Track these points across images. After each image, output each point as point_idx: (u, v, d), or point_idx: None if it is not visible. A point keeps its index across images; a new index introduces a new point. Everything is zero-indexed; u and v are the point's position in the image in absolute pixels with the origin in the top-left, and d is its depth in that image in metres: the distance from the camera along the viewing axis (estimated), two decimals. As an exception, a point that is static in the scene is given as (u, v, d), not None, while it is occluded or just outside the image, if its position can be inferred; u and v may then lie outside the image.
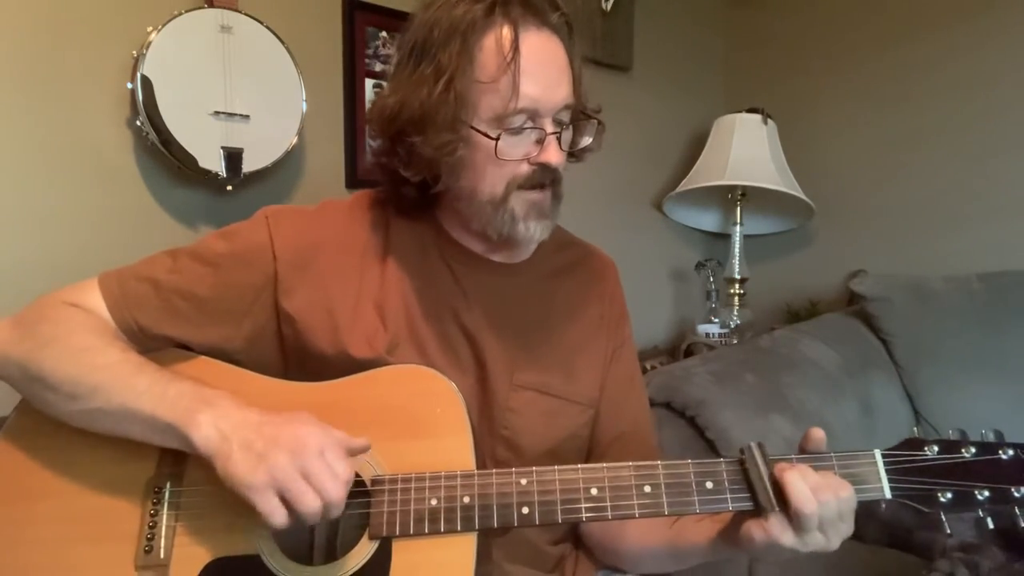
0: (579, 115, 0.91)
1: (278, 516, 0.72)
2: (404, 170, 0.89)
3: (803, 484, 0.73)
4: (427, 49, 0.84)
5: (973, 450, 0.77)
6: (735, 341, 2.26)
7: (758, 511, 0.76)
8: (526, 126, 0.85)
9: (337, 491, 0.73)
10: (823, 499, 0.73)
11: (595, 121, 0.92)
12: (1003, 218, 2.09)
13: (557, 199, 0.91)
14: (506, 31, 0.83)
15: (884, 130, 2.33)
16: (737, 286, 2.39)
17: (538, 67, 0.84)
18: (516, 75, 0.82)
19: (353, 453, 0.78)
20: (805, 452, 0.80)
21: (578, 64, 0.89)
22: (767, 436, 1.47)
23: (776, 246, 2.57)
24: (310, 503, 0.72)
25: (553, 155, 0.86)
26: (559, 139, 0.87)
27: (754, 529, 0.76)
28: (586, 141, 0.93)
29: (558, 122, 0.88)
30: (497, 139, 0.84)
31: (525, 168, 0.87)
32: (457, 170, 0.87)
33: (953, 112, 2.18)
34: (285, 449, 0.73)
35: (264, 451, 0.73)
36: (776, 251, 2.58)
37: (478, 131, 0.85)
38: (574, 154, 0.92)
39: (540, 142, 0.87)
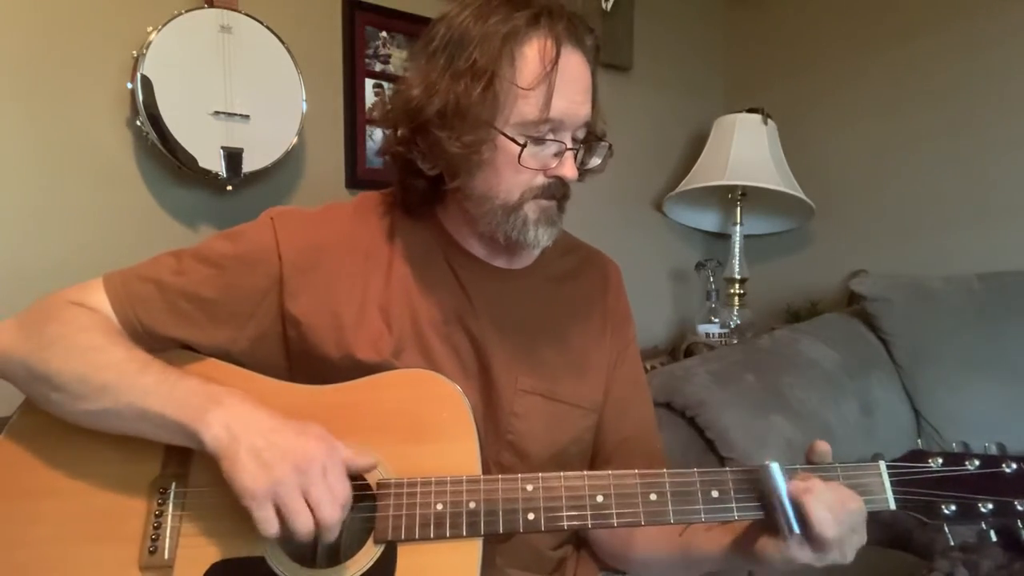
0: (592, 136, 0.92)
1: (271, 527, 0.73)
2: (421, 162, 0.89)
3: (824, 509, 0.72)
4: (463, 45, 0.85)
5: (976, 463, 0.77)
6: (735, 341, 2.26)
7: (775, 529, 0.76)
8: (548, 137, 0.87)
9: (333, 514, 0.74)
10: (840, 518, 0.73)
11: (606, 144, 0.93)
12: (1003, 218, 2.09)
13: (562, 210, 0.93)
14: (549, 43, 0.84)
15: (884, 130, 2.33)
16: (737, 286, 2.39)
17: (570, 83, 0.85)
18: (551, 86, 0.84)
19: (358, 472, 0.79)
20: (810, 463, 0.80)
21: (597, 88, 0.91)
22: (767, 436, 1.47)
23: (776, 246, 2.57)
24: (304, 522, 0.73)
25: (569, 170, 0.88)
26: (575, 155, 0.89)
27: (769, 546, 0.76)
28: (595, 162, 0.95)
29: (575, 139, 0.89)
30: (524, 146, 0.85)
31: (541, 179, 0.89)
32: (475, 169, 0.88)
33: (954, 112, 2.18)
34: (290, 463, 0.73)
35: (270, 461, 0.73)
36: (776, 251, 2.58)
37: (505, 135, 0.85)
38: (581, 173, 0.94)
39: (558, 155, 0.88)
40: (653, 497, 0.79)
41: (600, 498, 0.79)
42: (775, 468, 0.75)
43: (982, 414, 1.77)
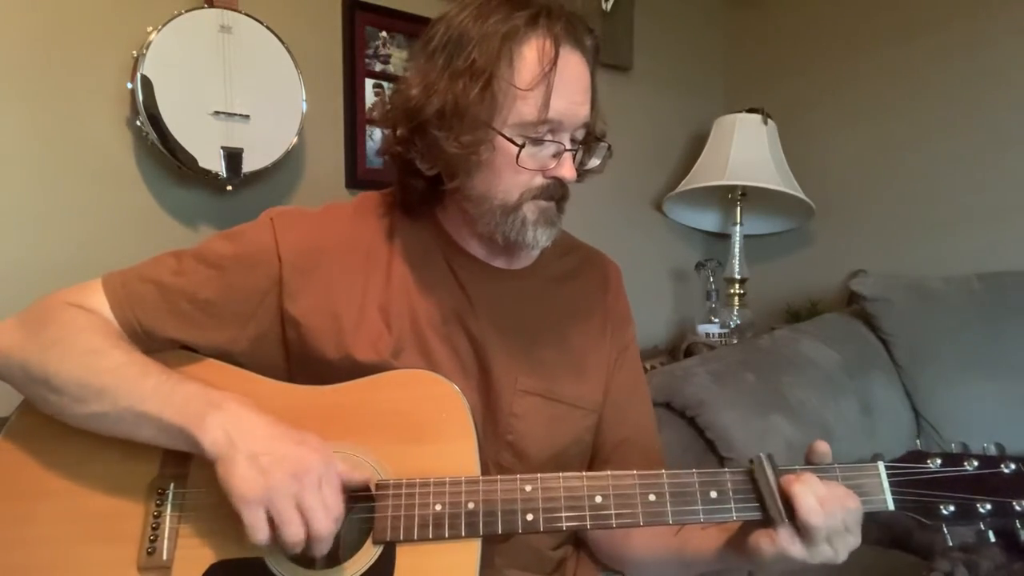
0: (592, 137, 0.92)
1: (261, 533, 0.73)
2: (420, 162, 0.89)
3: (811, 496, 0.73)
4: (462, 45, 0.85)
5: (975, 463, 0.78)
6: (735, 341, 2.26)
7: (766, 522, 0.77)
8: (546, 138, 0.87)
9: (325, 526, 0.74)
10: (830, 510, 0.73)
11: (605, 145, 0.93)
12: (1003, 218, 2.08)
13: (562, 211, 0.93)
14: (548, 44, 0.84)
15: (884, 130, 2.32)
16: (737, 286, 2.39)
17: (569, 84, 0.85)
18: (550, 87, 0.84)
19: (351, 489, 0.79)
20: (810, 464, 0.80)
21: (596, 89, 0.91)
22: (767, 436, 1.47)
23: (776, 246, 2.57)
24: (295, 531, 0.73)
25: (568, 171, 0.88)
26: (574, 156, 0.89)
27: (762, 540, 0.76)
28: (594, 163, 0.95)
29: (573, 140, 0.89)
30: (522, 147, 0.85)
31: (539, 180, 0.89)
32: (474, 170, 0.88)
33: (953, 112, 2.18)
34: (287, 471, 0.73)
35: (267, 467, 0.73)
36: (776, 251, 2.58)
37: (503, 135, 0.85)
38: (580, 174, 0.94)
39: (557, 156, 0.88)
40: (652, 498, 0.79)
41: (599, 499, 0.79)
42: (764, 458, 0.77)
43: (982, 414, 1.77)
